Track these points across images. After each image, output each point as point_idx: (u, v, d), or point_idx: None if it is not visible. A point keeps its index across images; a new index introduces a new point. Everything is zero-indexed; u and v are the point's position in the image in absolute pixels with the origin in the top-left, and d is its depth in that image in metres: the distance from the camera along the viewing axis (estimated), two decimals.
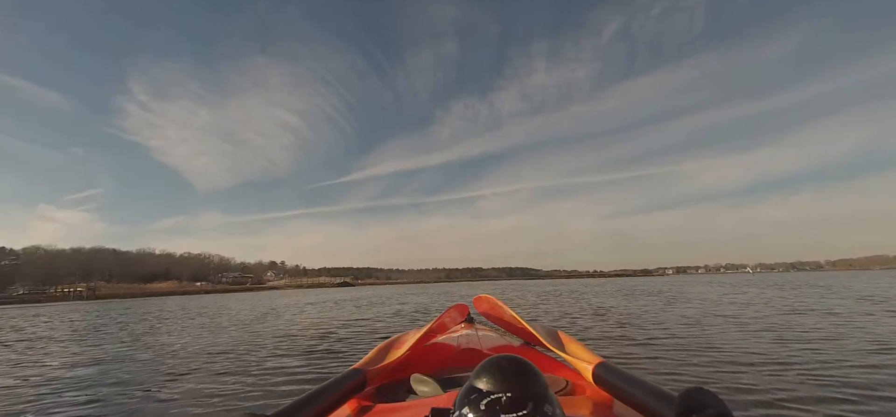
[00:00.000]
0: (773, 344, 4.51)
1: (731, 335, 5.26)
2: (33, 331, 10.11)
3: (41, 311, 22.88)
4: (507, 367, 0.62)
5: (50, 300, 51.09)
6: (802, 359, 3.72)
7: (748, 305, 9.11)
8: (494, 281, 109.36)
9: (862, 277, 32.78)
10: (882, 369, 3.33)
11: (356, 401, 1.25)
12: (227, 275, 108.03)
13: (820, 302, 9.28)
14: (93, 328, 10.21)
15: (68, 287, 56.79)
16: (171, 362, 4.92)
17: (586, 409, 1.09)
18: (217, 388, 3.54)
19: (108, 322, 11.63)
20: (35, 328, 11.15)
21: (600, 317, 7.83)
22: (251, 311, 13.76)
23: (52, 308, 26.35)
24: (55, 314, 18.83)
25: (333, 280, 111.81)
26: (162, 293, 65.43)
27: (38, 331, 10.03)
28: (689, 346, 4.56)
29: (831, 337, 4.81)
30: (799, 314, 7.08)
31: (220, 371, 4.29)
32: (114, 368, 4.78)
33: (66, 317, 15.43)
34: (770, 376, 3.22)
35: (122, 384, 3.93)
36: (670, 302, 10.70)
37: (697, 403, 0.73)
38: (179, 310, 16.53)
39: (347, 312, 11.52)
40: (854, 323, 5.87)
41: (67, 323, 12.15)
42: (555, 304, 11.72)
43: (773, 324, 6.05)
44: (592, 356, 1.28)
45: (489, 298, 2.38)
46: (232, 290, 71.31)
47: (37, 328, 10.79)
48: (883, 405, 2.52)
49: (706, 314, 7.67)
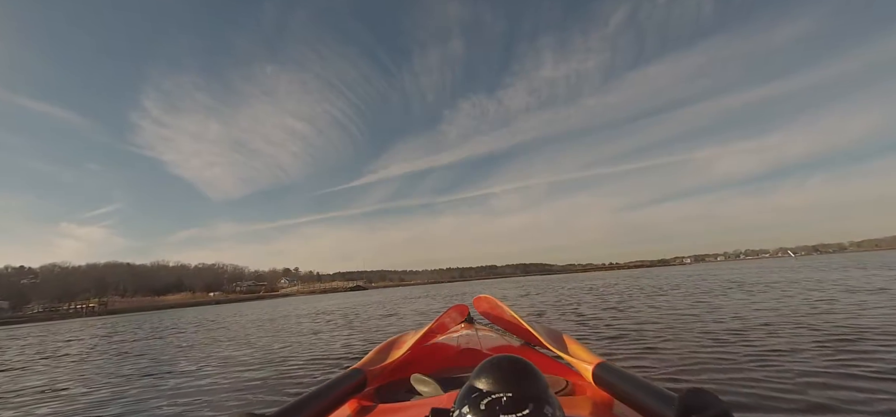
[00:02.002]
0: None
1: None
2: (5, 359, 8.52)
3: (42, 330, 21.62)
4: (507, 367, 0.61)
5: (63, 317, 50.55)
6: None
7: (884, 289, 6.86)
8: (509, 278, 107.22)
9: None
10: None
11: (356, 401, 1.24)
12: (240, 284, 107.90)
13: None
14: (86, 348, 8.60)
15: (81, 304, 56.28)
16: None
17: (586, 409, 1.07)
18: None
19: (99, 343, 10.05)
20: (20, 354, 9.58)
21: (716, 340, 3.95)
22: (230, 327, 12.08)
23: (54, 327, 25.17)
24: (51, 333, 17.45)
25: (346, 285, 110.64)
26: (174, 305, 64.73)
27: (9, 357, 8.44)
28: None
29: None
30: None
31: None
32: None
33: (60, 337, 13.96)
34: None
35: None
36: (756, 293, 8.33)
37: (697, 403, 0.73)
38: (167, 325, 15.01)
39: (357, 326, 9.73)
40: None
41: (49, 346, 10.59)
42: (591, 310, 8.29)
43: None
44: (592, 357, 1.26)
45: (489, 298, 2.32)
46: (244, 299, 70.47)
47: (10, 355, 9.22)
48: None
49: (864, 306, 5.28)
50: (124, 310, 55.70)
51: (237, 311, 22.80)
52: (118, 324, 19.69)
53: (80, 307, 54.69)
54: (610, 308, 7.47)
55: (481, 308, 2.55)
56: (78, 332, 16.33)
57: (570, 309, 7.98)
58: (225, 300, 69.41)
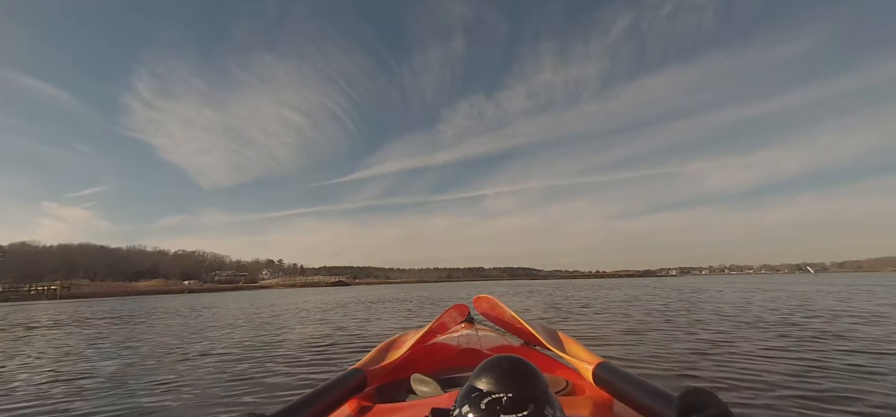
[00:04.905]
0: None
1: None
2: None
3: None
4: (507, 367, 0.62)
5: (22, 298, 47.65)
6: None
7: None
8: (496, 281, 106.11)
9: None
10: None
11: (356, 401, 1.24)
12: (219, 274, 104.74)
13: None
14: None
15: (42, 286, 53.19)
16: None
17: (586, 409, 1.08)
18: None
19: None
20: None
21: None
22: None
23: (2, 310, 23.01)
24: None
25: (328, 280, 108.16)
26: (144, 292, 61.86)
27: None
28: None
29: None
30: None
31: None
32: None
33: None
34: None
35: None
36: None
37: (697, 403, 0.73)
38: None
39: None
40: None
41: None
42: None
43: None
44: (592, 357, 1.26)
45: (489, 298, 2.29)
46: (220, 289, 67.83)
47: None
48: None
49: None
50: (88, 295, 52.80)
51: (180, 304, 20.92)
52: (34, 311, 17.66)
53: (41, 288, 51.56)
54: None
55: (481, 308, 2.53)
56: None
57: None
58: (199, 289, 66.74)
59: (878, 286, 18.16)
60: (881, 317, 6.48)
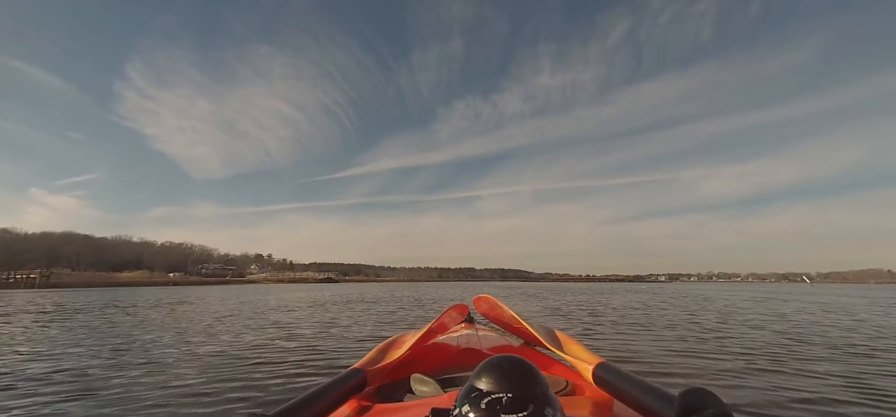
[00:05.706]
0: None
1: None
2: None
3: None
4: (507, 367, 0.61)
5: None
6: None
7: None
8: (486, 282, 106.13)
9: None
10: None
11: (356, 401, 1.24)
12: (206, 266, 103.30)
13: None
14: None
15: (21, 274, 52.01)
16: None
17: (586, 409, 1.08)
18: None
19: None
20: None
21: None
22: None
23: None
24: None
25: (317, 276, 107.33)
26: (126, 283, 60.79)
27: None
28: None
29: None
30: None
31: None
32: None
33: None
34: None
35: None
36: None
37: (697, 403, 0.73)
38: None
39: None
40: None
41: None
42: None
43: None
44: (592, 357, 1.27)
45: (489, 298, 2.33)
46: (206, 283, 66.94)
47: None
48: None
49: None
50: (69, 285, 51.77)
51: (158, 296, 20.43)
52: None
53: (19, 277, 50.42)
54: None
55: (481, 308, 2.55)
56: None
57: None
58: (184, 281, 65.79)
59: (864, 297, 18.27)
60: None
